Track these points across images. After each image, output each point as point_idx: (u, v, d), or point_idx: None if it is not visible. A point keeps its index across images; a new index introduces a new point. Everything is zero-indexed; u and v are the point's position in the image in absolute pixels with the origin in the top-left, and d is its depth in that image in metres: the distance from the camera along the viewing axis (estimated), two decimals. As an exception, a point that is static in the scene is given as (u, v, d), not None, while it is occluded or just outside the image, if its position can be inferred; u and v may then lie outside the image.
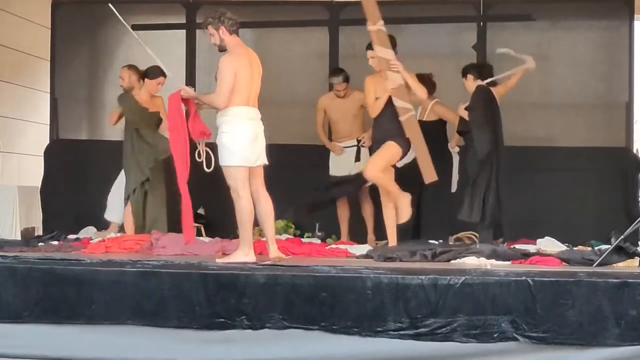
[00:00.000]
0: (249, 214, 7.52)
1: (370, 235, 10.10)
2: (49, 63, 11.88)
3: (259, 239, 9.14)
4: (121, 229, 9.88)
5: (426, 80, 10.03)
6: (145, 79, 9.82)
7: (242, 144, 7.50)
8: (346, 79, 10.09)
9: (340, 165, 10.24)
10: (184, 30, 11.77)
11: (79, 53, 11.99)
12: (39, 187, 10.82)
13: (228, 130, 7.52)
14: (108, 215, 9.99)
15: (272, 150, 7.99)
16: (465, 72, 9.67)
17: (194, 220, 10.31)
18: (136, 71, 10.07)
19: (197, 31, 11.68)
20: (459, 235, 9.94)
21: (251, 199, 7.54)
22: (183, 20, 11.74)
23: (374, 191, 10.29)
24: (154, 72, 9.81)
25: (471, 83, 9.61)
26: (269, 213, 7.74)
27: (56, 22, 11.88)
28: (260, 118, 7.72)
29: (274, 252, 7.74)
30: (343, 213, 10.27)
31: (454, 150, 10.14)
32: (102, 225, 10.32)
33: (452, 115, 9.89)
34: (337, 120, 10.26)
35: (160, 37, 11.83)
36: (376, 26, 8.78)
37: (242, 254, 7.46)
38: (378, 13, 8.77)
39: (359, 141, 10.16)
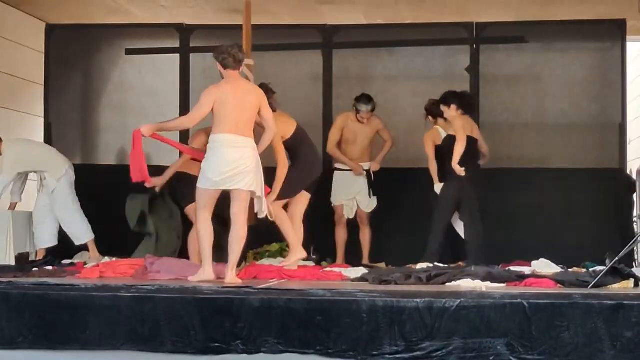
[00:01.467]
0: (207, 235, 7.87)
1: (365, 260, 10.13)
2: (43, 87, 11.89)
3: (253, 263, 9.14)
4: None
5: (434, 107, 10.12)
6: None
7: (210, 168, 7.80)
8: (374, 109, 10.22)
9: (343, 191, 10.27)
10: (178, 55, 11.78)
11: (73, 77, 12.00)
12: (33, 212, 10.78)
13: (207, 156, 7.88)
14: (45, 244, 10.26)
15: (268, 173, 8.02)
16: (447, 101, 9.77)
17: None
18: None
19: (191, 55, 11.70)
20: None
21: (210, 222, 7.89)
22: (177, 45, 11.75)
23: (375, 215, 10.35)
24: None
25: (453, 113, 9.72)
26: (238, 239, 7.88)
27: (50, 46, 11.91)
28: (251, 146, 7.78)
29: (230, 278, 7.78)
30: (341, 236, 10.29)
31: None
32: (97, 249, 10.28)
33: (428, 150, 10.01)
34: (353, 142, 10.30)
35: (154, 61, 11.86)
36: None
37: (202, 273, 7.84)
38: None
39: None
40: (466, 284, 7.59)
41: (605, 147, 11.23)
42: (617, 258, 7.52)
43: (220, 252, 8.15)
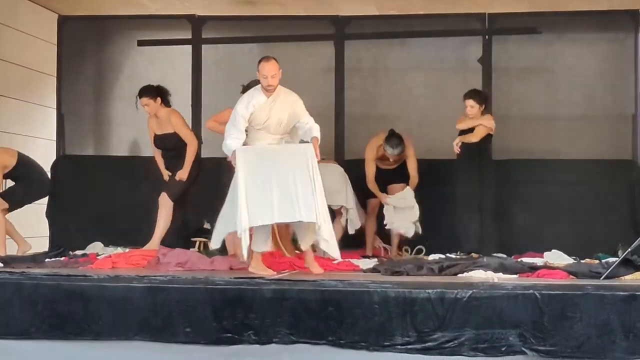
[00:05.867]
0: None
1: (394, 252, 10.10)
2: (56, 79, 11.92)
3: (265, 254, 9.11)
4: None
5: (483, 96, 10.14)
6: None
7: None
8: (400, 153, 10.03)
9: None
10: (190, 46, 11.78)
11: (85, 69, 12.01)
12: (46, 203, 10.82)
13: None
14: None
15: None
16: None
17: (199, 235, 10.38)
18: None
19: (203, 47, 11.70)
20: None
21: None
22: (189, 36, 11.76)
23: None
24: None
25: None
26: None
27: (62, 38, 11.92)
28: None
29: None
30: (371, 227, 10.29)
31: None
32: (109, 240, 10.31)
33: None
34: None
35: (166, 52, 11.87)
36: None
37: None
38: None
39: None
40: (478, 275, 7.59)
41: (617, 139, 11.19)
42: (629, 249, 7.51)
43: None
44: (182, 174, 9.38)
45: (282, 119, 7.90)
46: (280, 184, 7.33)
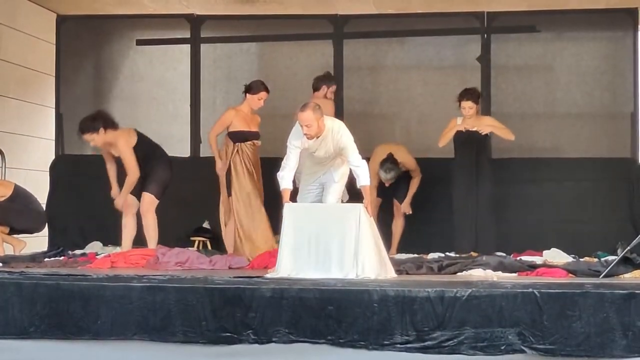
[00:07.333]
0: None
1: (393, 251, 10.10)
2: (54, 79, 11.91)
3: (265, 252, 9.11)
4: None
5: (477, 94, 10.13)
6: (247, 94, 9.50)
7: None
8: (394, 178, 10.20)
9: None
10: (189, 45, 11.78)
11: (84, 68, 12.01)
12: (45, 202, 10.82)
13: None
14: None
15: (277, 163, 8.02)
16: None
17: (198, 235, 10.39)
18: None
19: (202, 46, 11.70)
20: None
21: None
22: (187, 35, 11.75)
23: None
24: (257, 87, 9.54)
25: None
26: None
27: (61, 37, 11.92)
28: None
29: None
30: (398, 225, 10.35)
31: None
32: (108, 239, 10.31)
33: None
34: None
35: (165, 52, 11.87)
36: None
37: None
38: None
39: None
40: (477, 274, 7.60)
41: (616, 137, 11.20)
42: (629, 247, 7.52)
43: None
44: (119, 202, 9.38)
45: (329, 152, 8.11)
46: (325, 244, 7.33)
